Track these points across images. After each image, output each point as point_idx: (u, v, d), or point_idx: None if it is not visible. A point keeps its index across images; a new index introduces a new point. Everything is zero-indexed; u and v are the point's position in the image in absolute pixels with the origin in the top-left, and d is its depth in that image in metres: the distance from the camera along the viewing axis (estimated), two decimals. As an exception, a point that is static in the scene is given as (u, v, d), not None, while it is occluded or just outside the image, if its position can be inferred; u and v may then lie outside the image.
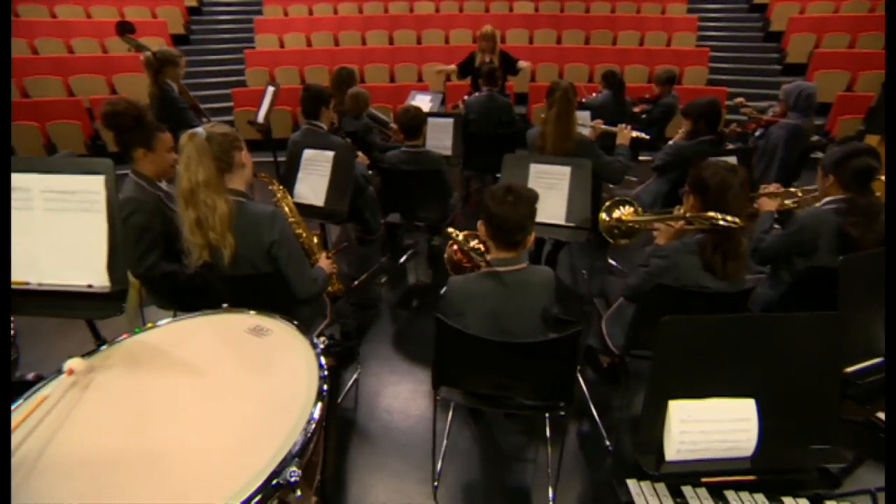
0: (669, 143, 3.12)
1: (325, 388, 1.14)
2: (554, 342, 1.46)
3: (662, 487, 1.08)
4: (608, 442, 2.05)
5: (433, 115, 3.45)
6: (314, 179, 2.45)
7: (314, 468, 1.16)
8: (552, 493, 1.80)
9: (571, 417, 2.17)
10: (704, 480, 1.08)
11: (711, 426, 1.08)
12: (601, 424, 2.13)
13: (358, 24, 7.90)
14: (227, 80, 7.03)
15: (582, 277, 3.29)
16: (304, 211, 2.24)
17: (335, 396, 1.60)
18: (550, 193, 2.38)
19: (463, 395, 1.71)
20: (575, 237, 2.41)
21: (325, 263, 1.90)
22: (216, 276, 1.68)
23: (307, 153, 2.51)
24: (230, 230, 1.57)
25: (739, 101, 4.05)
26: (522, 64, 4.51)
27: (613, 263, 3.41)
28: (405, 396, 2.31)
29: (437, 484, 1.87)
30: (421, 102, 4.22)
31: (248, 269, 1.64)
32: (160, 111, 3.05)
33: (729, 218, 1.52)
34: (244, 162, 1.68)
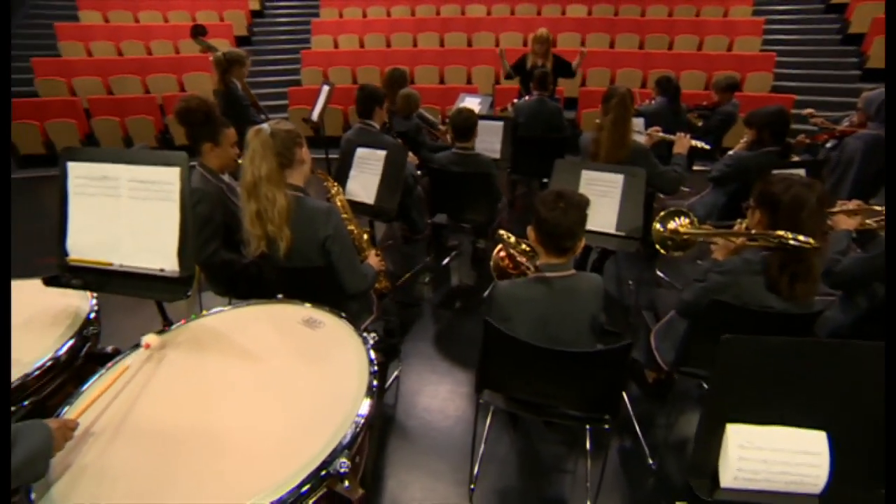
0: (729, 153, 2.97)
1: (374, 383, 1.16)
2: (604, 353, 1.43)
3: (717, 515, 1.03)
4: (651, 461, 1.98)
5: (484, 117, 3.44)
6: (366, 177, 2.50)
7: (360, 461, 1.18)
8: (591, 507, 1.76)
9: (613, 432, 2.11)
10: (764, 513, 1.02)
11: (774, 456, 1.02)
12: (644, 442, 2.06)
13: (410, 26, 8.02)
14: (283, 79, 7.32)
15: (628, 288, 3.19)
16: (354, 208, 2.30)
17: (379, 392, 1.63)
18: (601, 201, 2.33)
19: (505, 400, 1.70)
20: (624, 247, 2.35)
21: (374, 261, 1.94)
22: (271, 266, 1.74)
23: (360, 151, 2.57)
24: (287, 223, 1.62)
25: (809, 111, 3.80)
26: (576, 63, 4.44)
27: (662, 276, 3.29)
28: (444, 396, 2.32)
29: (473, 487, 1.86)
30: (470, 104, 4.21)
31: (301, 261, 1.70)
32: (225, 108, 3.22)
33: (801, 238, 1.41)
34: (304, 158, 1.74)
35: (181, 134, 6.46)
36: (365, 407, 1.11)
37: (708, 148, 2.92)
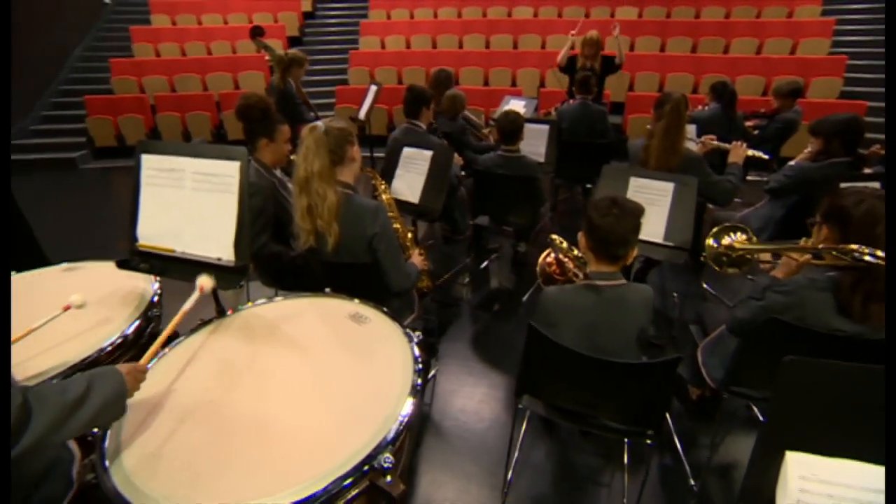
0: (791, 163, 2.81)
1: (419, 382, 1.18)
2: (652, 366, 1.39)
3: (772, 547, 0.98)
4: (693, 482, 1.90)
5: (530, 120, 3.42)
6: (411, 177, 2.53)
7: (401, 456, 1.20)
8: (628, 524, 1.72)
9: (653, 447, 2.04)
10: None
11: (843, 492, 0.95)
12: (686, 461, 1.98)
13: (456, 27, 8.06)
14: (332, 78, 7.52)
15: (672, 300, 3.08)
16: (398, 207, 2.33)
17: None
18: (650, 209, 2.22)
19: (545, 406, 1.68)
20: (673, 258, 2.27)
21: (417, 260, 1.96)
22: (318, 261, 1.79)
23: (406, 151, 2.61)
24: (336, 219, 1.67)
25: (876, 149, 3.21)
26: (618, 57, 4.34)
27: (709, 289, 3.16)
28: (479, 399, 2.31)
29: (506, 491, 1.85)
30: (515, 107, 4.20)
31: (348, 257, 1.74)
32: (279, 105, 3.33)
33: (879, 253, 1.31)
34: (355, 156, 1.78)
35: (235, 129, 6.77)
36: (409, 405, 1.12)
37: (766, 158, 2.78)
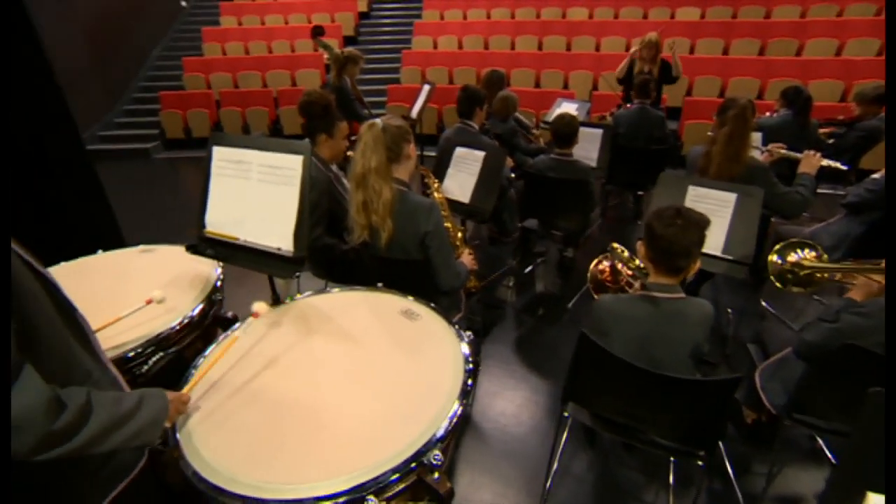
0: (874, 176, 2.59)
1: (470, 383, 1.18)
2: (709, 384, 1.32)
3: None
4: (746, 510, 1.80)
5: (584, 124, 3.34)
6: (463, 177, 2.54)
7: (448, 454, 1.20)
8: (673, 547, 1.65)
9: (703, 470, 1.95)
10: None
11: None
12: (738, 488, 1.88)
13: (509, 28, 8.00)
14: (384, 76, 7.66)
15: (727, 317, 2.93)
16: (449, 206, 2.34)
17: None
18: (709, 220, 2.15)
19: (591, 416, 1.64)
20: (732, 272, 2.14)
21: (467, 259, 1.96)
22: (369, 255, 1.83)
23: (458, 151, 2.61)
24: (390, 215, 1.69)
25: None
26: (674, 66, 4.17)
27: (768, 307, 2.98)
28: (520, 403, 2.29)
29: (545, 500, 1.82)
30: (567, 110, 4.13)
31: (400, 253, 1.76)
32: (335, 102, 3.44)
33: None
34: (410, 154, 1.80)
35: (290, 124, 7.05)
36: (459, 405, 1.13)
37: (844, 169, 2.58)
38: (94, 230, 2.69)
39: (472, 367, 1.22)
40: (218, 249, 1.60)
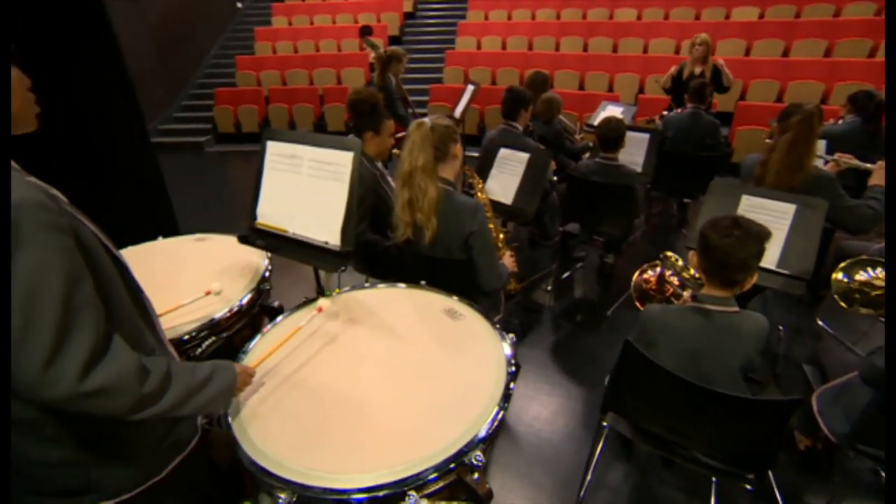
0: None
1: (513, 385, 1.17)
2: (765, 404, 1.26)
3: None
4: (795, 542, 1.71)
5: (630, 128, 3.26)
6: (505, 178, 2.52)
7: (488, 456, 1.20)
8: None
9: (748, 495, 1.86)
10: None
11: None
12: (787, 517, 1.78)
13: (554, 29, 7.88)
14: (427, 76, 7.72)
15: (777, 334, 2.78)
16: (491, 207, 2.33)
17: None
18: (765, 232, 2.05)
19: (630, 427, 1.60)
20: (788, 288, 2.03)
21: (508, 261, 1.95)
22: (412, 253, 1.84)
23: (502, 152, 2.60)
24: (435, 214, 1.70)
25: None
26: (725, 77, 4.00)
27: (824, 326, 2.81)
28: (555, 408, 2.26)
29: (579, 511, 1.79)
30: (612, 113, 4.03)
31: (443, 252, 1.77)
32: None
33: None
34: (457, 154, 1.80)
35: (335, 121, 7.22)
36: (502, 408, 1.12)
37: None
38: (154, 218, 2.88)
39: (514, 369, 1.21)
40: (268, 240, 1.65)
